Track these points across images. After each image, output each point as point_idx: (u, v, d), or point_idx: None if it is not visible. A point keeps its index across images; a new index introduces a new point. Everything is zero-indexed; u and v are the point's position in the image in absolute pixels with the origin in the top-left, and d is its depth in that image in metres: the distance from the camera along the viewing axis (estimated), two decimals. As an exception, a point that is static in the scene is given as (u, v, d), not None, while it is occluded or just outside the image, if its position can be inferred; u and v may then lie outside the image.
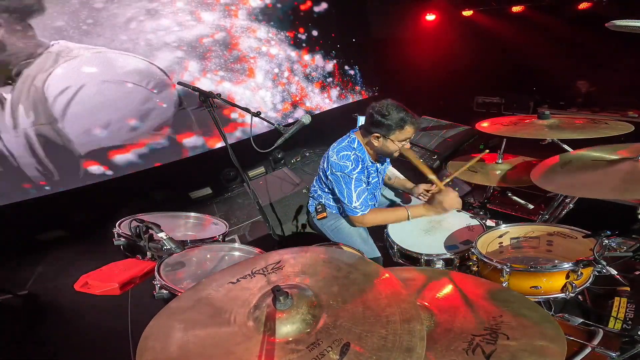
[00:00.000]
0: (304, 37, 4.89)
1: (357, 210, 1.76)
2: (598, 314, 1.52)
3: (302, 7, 4.80)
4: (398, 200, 2.22)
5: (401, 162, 3.30)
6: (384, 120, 1.67)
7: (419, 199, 2.06)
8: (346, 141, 1.82)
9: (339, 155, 1.76)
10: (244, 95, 4.49)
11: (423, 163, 1.82)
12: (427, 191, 2.01)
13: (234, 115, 4.42)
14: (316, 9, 4.92)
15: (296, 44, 4.84)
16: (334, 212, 2.03)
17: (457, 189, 2.32)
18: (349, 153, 1.76)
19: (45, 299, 2.77)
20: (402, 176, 2.30)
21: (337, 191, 1.80)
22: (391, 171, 2.27)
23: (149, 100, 3.73)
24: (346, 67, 5.55)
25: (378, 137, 1.73)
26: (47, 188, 3.40)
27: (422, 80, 5.71)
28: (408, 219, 1.76)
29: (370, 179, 1.91)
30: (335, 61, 5.35)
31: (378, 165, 1.96)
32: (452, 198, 1.67)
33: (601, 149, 1.48)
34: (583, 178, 1.34)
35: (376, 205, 2.10)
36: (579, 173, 1.38)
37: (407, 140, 1.75)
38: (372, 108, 1.71)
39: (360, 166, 1.76)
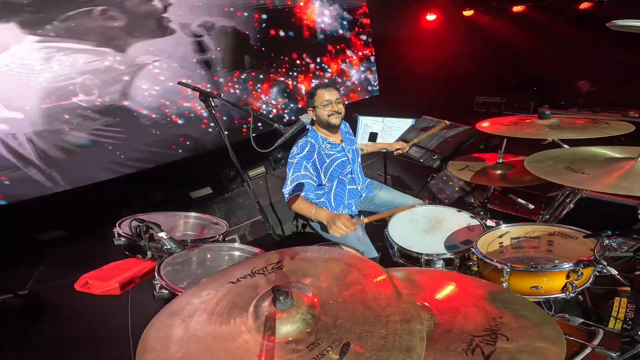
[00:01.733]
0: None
1: (285, 194, 1.91)
2: (598, 314, 1.52)
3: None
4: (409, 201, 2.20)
5: (400, 162, 3.30)
6: (308, 96, 2.02)
7: (394, 154, 2.50)
8: (303, 133, 2.01)
9: (295, 144, 1.97)
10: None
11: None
12: (399, 149, 2.43)
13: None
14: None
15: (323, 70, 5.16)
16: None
17: (457, 188, 2.32)
18: (300, 141, 1.95)
19: (46, 298, 2.77)
20: (369, 142, 2.60)
21: None
22: (361, 145, 2.47)
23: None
24: (369, 88, 5.87)
25: (312, 110, 1.99)
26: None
27: (423, 80, 5.71)
28: (311, 216, 1.80)
29: (331, 159, 2.02)
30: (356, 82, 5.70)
31: (343, 145, 2.09)
32: (336, 226, 1.61)
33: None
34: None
35: (360, 190, 2.20)
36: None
37: (330, 103, 1.94)
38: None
39: (305, 152, 1.92)
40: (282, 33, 4.56)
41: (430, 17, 5.51)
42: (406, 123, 3.05)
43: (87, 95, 3.35)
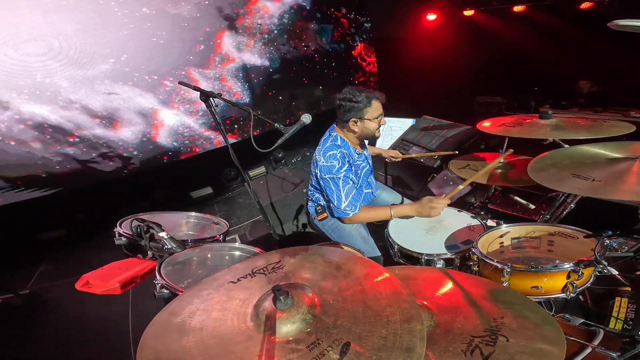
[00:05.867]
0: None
1: (348, 212, 1.78)
2: (599, 314, 1.51)
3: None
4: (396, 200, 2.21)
5: (404, 164, 3.30)
6: (354, 105, 1.75)
7: (388, 161, 2.44)
8: (329, 141, 1.84)
9: (326, 156, 1.78)
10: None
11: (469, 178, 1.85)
12: (394, 157, 2.38)
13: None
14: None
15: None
16: None
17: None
18: (335, 152, 1.77)
19: (47, 298, 2.78)
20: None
21: (327, 194, 1.82)
22: None
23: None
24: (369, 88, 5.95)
25: (356, 122, 1.79)
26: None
27: (423, 80, 5.70)
28: (391, 218, 1.79)
29: (360, 169, 1.95)
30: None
31: (364, 152, 2.02)
32: (433, 207, 1.68)
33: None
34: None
35: (373, 193, 2.15)
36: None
37: (381, 115, 1.82)
38: (340, 99, 1.80)
39: (347, 164, 1.78)
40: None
41: (431, 17, 5.50)
42: (406, 123, 3.05)
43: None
